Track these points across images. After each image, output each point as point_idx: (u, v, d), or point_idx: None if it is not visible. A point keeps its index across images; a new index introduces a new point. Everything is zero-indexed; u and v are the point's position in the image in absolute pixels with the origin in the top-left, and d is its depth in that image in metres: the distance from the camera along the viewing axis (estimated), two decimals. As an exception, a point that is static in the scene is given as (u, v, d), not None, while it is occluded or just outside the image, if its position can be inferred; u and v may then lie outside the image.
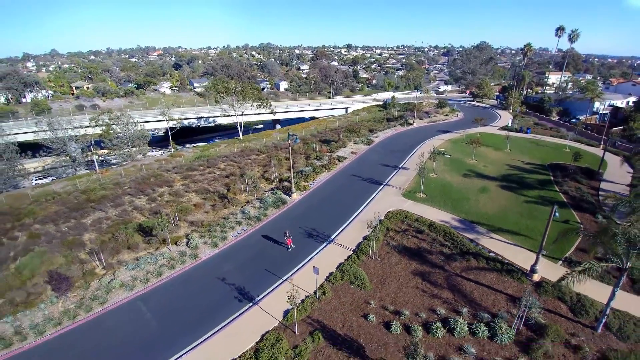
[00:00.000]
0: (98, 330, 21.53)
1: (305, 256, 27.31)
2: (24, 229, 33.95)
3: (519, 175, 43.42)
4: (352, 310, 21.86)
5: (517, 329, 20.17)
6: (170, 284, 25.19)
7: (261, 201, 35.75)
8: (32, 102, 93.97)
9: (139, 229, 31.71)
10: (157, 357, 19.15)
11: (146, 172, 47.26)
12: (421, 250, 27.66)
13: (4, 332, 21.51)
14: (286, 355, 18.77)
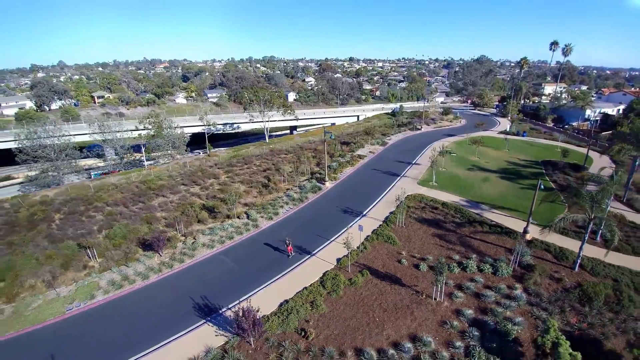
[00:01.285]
0: (192, 274, 28.69)
1: (344, 225, 34.56)
2: (97, 210, 41.40)
3: (516, 169, 51.14)
4: (388, 257, 29.14)
5: (513, 268, 27.43)
6: (242, 244, 32.48)
7: (300, 188, 43.30)
8: (62, 110, 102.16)
9: (203, 208, 39.12)
10: (245, 289, 26.14)
11: (190, 168, 54.90)
12: (437, 220, 35.09)
13: (114, 279, 28.59)
14: (344, 284, 25.95)
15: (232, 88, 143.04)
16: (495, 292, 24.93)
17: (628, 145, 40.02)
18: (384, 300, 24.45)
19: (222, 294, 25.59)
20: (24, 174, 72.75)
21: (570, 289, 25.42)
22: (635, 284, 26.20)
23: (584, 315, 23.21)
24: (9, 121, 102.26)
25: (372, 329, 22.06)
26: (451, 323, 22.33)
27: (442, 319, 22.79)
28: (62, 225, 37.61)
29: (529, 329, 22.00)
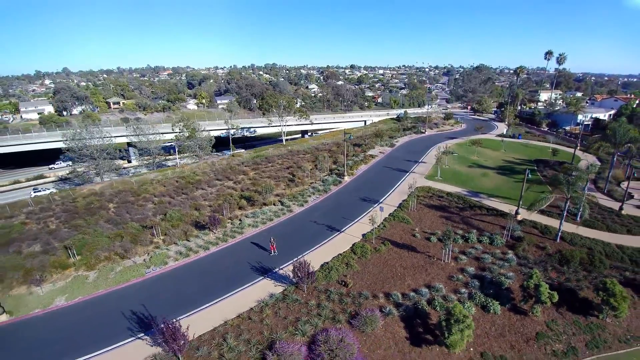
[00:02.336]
0: (245, 246, 35.37)
1: (365, 210, 41.33)
2: (147, 200, 48.18)
3: (511, 166, 58.19)
4: (404, 233, 35.92)
5: (506, 240, 34.21)
6: (280, 224, 39.26)
7: (323, 182, 50.18)
8: (84, 114, 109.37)
9: (241, 197, 45.91)
10: (290, 255, 32.75)
11: (219, 166, 61.77)
12: (443, 205, 41.97)
13: (179, 250, 35.22)
14: (370, 251, 32.67)
15: (242, 95, 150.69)
16: (491, 256, 31.69)
17: (606, 143, 47.10)
18: (403, 262, 31.19)
19: (272, 260, 32.25)
20: (54, 173, 79.74)
21: (552, 254, 32.19)
22: (606, 252, 32.99)
23: (563, 273, 29.93)
24: (33, 124, 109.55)
25: (395, 280, 28.78)
26: (457, 277, 29.06)
27: (450, 274, 29.51)
28: (118, 212, 44.31)
29: (518, 281, 28.68)
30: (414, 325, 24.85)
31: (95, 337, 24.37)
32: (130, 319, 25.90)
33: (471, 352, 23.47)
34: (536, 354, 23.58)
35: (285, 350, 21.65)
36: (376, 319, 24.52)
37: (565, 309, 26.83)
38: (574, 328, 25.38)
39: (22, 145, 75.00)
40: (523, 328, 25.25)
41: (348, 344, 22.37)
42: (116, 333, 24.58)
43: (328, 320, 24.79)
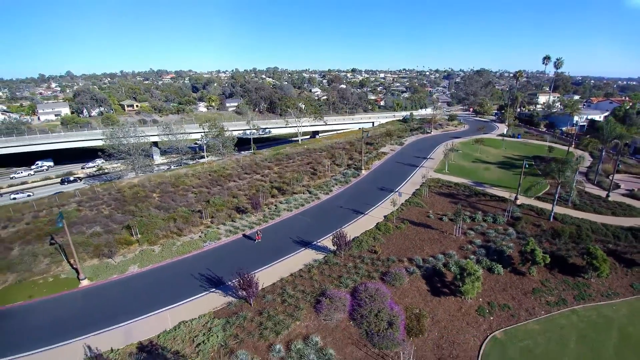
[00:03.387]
0: (283, 225, 41.62)
1: (383, 197, 47.68)
2: (185, 191, 54.38)
3: (511, 161, 64.73)
4: (419, 214, 42.28)
5: (507, 219, 40.59)
6: (311, 209, 45.56)
7: (343, 174, 56.58)
8: (104, 116, 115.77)
9: (272, 187, 52.24)
10: (318, 235, 38.76)
11: (243, 162, 68.09)
12: (452, 193, 48.39)
13: (228, 228, 41.36)
14: (392, 229, 38.97)
15: (252, 97, 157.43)
16: (495, 231, 38.05)
17: (595, 140, 53.69)
18: (420, 236, 37.55)
19: (309, 236, 38.53)
20: (82, 170, 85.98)
21: (545, 230, 38.55)
22: (592, 229, 39.29)
23: (555, 244, 36.26)
24: (55, 125, 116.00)
25: (416, 249, 35.12)
26: (466, 247, 35.39)
27: (460, 245, 35.85)
28: (163, 200, 50.55)
29: (517, 250, 34.95)
30: (433, 282, 31.15)
31: (173, 293, 30.49)
32: (200, 280, 32.09)
33: (480, 301, 29.72)
34: (533, 303, 29.78)
35: (334, 295, 27.93)
36: (403, 276, 30.83)
37: (557, 271, 33.10)
38: (564, 285, 31.59)
39: (65, 142, 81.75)
40: (522, 285, 31.52)
41: (382, 293, 28.68)
42: (191, 290, 30.76)
43: (364, 277, 31.08)
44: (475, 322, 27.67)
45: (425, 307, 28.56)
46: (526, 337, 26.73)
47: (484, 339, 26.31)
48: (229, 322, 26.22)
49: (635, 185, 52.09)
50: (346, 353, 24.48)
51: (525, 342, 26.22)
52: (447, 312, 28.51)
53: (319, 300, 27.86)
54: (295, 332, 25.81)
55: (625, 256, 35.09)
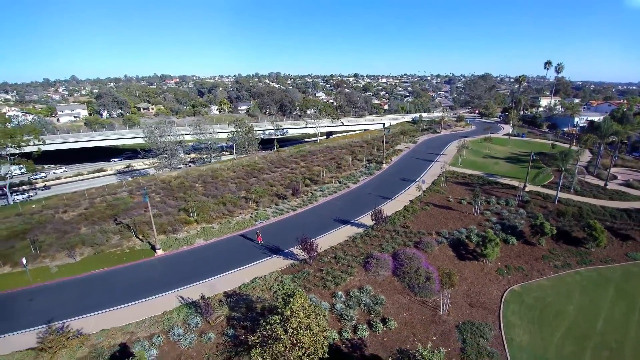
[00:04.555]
0: (322, 208, 47.91)
1: (406, 186, 54.10)
2: (224, 182, 60.58)
3: (517, 157, 71.43)
4: (440, 199, 48.70)
5: (517, 202, 47.04)
6: (343, 195, 51.94)
7: (367, 167, 63.07)
8: (125, 117, 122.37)
9: (304, 178, 58.62)
10: (354, 215, 45.15)
11: (270, 158, 74.50)
12: (467, 182, 54.91)
13: (274, 210, 47.63)
14: (418, 210, 45.35)
15: (263, 101, 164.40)
16: (507, 211, 44.47)
17: (594, 136, 60.42)
18: (444, 215, 43.95)
19: (346, 215, 44.85)
20: (111, 167, 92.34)
21: (551, 210, 45.00)
22: (592, 210, 45.71)
23: (559, 221, 42.65)
24: (79, 126, 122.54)
25: (441, 225, 41.49)
26: (484, 223, 41.76)
27: (479, 222, 42.23)
28: (207, 189, 56.80)
29: (527, 226, 41.34)
30: (459, 249, 37.49)
31: (239, 258, 36.62)
32: (260, 249, 38.29)
33: (498, 264, 36.02)
34: (542, 266, 36.06)
35: (379, 257, 34.23)
36: (433, 244, 37.17)
37: (562, 242, 39.46)
38: (568, 253, 37.90)
39: (108, 140, 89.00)
40: (532, 253, 37.84)
41: (418, 256, 34.99)
42: (254, 256, 36.95)
43: (400, 245, 37.38)
44: (496, 279, 33.95)
45: (453, 268, 34.79)
46: (538, 290, 33.02)
47: (504, 291, 32.55)
48: (296, 277, 32.44)
49: (630, 177, 58.68)
50: (394, 299, 30.70)
51: (538, 294, 32.51)
52: (472, 272, 34.79)
53: (367, 261, 34.14)
54: (350, 284, 32.05)
55: (620, 232, 41.46)
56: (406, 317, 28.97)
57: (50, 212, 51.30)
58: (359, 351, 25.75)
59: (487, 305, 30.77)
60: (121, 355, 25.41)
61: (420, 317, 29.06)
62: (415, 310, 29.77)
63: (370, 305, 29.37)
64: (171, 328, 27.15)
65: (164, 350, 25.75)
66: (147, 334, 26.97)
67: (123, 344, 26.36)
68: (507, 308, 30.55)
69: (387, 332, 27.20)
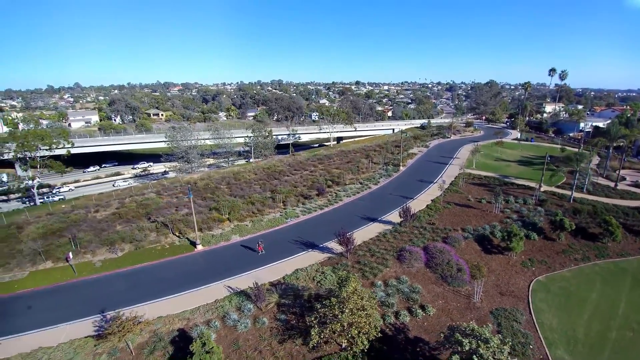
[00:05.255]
0: (347, 207, 50.28)
1: (425, 187, 56.58)
2: (248, 183, 62.92)
3: (528, 160, 74.18)
4: (460, 199, 51.16)
5: (534, 201, 49.54)
6: (366, 195, 54.39)
7: (386, 170, 65.64)
8: (138, 122, 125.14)
9: (326, 179, 61.08)
10: (380, 213, 47.55)
11: (287, 162, 76.98)
12: (484, 183, 57.46)
13: (302, 209, 49.95)
14: (441, 208, 47.75)
15: (271, 107, 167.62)
16: (526, 209, 46.93)
17: (603, 139, 63.26)
18: (466, 213, 46.37)
19: (373, 214, 47.19)
20: (128, 171, 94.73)
21: (567, 208, 47.48)
22: (606, 207, 48.22)
23: (576, 218, 45.09)
24: (93, 130, 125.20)
25: (465, 222, 43.89)
26: (505, 220, 44.17)
27: (500, 219, 44.64)
28: (232, 190, 59.10)
29: (546, 223, 43.73)
30: (484, 244, 39.86)
31: (277, 253, 38.77)
32: (295, 244, 40.50)
33: (522, 258, 38.35)
34: (564, 259, 38.41)
35: (412, 250, 36.56)
36: (460, 239, 39.53)
37: (580, 237, 41.84)
38: (586, 247, 40.27)
39: (130, 144, 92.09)
40: (553, 247, 40.22)
41: (447, 250, 37.32)
42: (291, 250, 39.16)
43: (429, 240, 39.73)
44: (522, 271, 36.29)
45: (481, 261, 37.12)
46: (562, 280, 35.36)
47: (530, 281, 34.86)
48: (336, 268, 34.68)
49: (638, 178, 61.35)
50: (429, 289, 32.96)
51: (562, 283, 34.84)
52: (498, 265, 37.12)
53: (400, 254, 36.45)
54: (387, 274, 34.32)
55: (634, 228, 43.90)
56: (442, 304, 31.20)
57: (81, 211, 53.38)
58: (403, 334, 27.94)
59: (516, 293, 33.05)
60: (181, 340, 27.47)
61: (455, 304, 31.29)
62: (450, 298, 32.00)
63: (408, 293, 31.62)
64: (226, 314, 29.27)
65: (221, 335, 27.85)
66: (204, 320, 29.06)
67: (181, 330, 28.41)
68: (534, 296, 32.84)
69: (427, 317, 29.41)
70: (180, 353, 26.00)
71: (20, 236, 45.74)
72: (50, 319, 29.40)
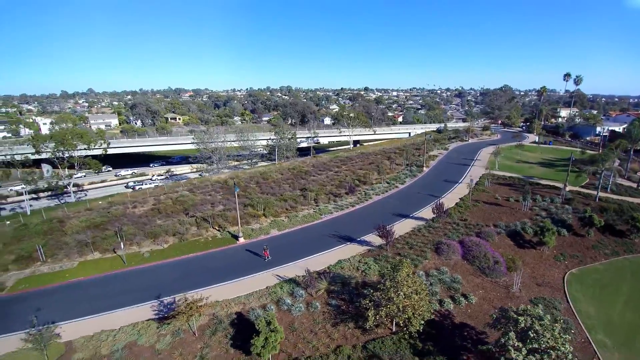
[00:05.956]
0: (377, 204, 52.26)
1: (450, 187, 58.37)
2: (275, 182, 65.14)
3: (550, 162, 75.69)
4: (488, 197, 52.87)
5: (561, 200, 51.09)
6: (394, 194, 56.35)
7: (409, 170, 67.59)
8: (158, 126, 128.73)
9: (353, 179, 63.15)
10: (411, 211, 49.38)
11: (310, 163, 79.21)
12: (509, 183, 59.16)
13: (335, 206, 51.97)
14: (471, 206, 49.50)
15: (286, 112, 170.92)
16: (554, 207, 48.52)
17: (624, 141, 64.67)
18: (495, 211, 48.11)
19: (403, 211, 49.10)
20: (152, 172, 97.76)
21: (594, 207, 48.97)
22: (630, 206, 49.60)
23: (603, 216, 46.57)
24: (116, 133, 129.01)
25: (495, 218, 45.62)
26: (534, 217, 45.82)
27: (529, 216, 46.30)
28: (263, 188, 61.34)
29: (575, 220, 45.28)
30: (516, 239, 41.57)
31: (317, 246, 40.74)
32: (333, 238, 42.50)
33: (554, 252, 39.96)
34: (594, 254, 39.95)
35: (449, 243, 38.40)
36: (493, 234, 41.26)
37: (608, 234, 43.34)
38: (614, 243, 41.78)
39: (160, 145, 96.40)
40: (583, 243, 41.77)
41: (483, 243, 39.08)
42: (330, 243, 41.13)
43: (463, 234, 41.51)
44: (555, 264, 37.94)
45: (515, 255, 38.80)
46: (594, 272, 36.96)
47: (564, 274, 36.48)
48: (377, 259, 36.62)
49: (661, 179, 62.56)
50: (468, 279, 34.71)
51: (594, 276, 36.44)
52: (532, 258, 38.79)
53: (438, 247, 38.29)
54: (427, 265, 36.16)
55: (661, 226, 45.22)
56: (483, 293, 32.95)
57: (120, 207, 55.92)
58: (449, 320, 29.73)
59: (552, 284, 34.70)
60: (239, 322, 29.49)
61: (495, 294, 33.03)
62: (489, 288, 33.75)
63: (449, 283, 33.43)
64: (280, 299, 31.29)
65: (276, 317, 29.82)
66: (259, 304, 31.09)
67: (239, 313, 30.44)
68: (570, 287, 34.48)
69: (470, 305, 31.18)
70: (240, 334, 27.99)
71: (65, 229, 48.25)
72: (108, 305, 31.20)
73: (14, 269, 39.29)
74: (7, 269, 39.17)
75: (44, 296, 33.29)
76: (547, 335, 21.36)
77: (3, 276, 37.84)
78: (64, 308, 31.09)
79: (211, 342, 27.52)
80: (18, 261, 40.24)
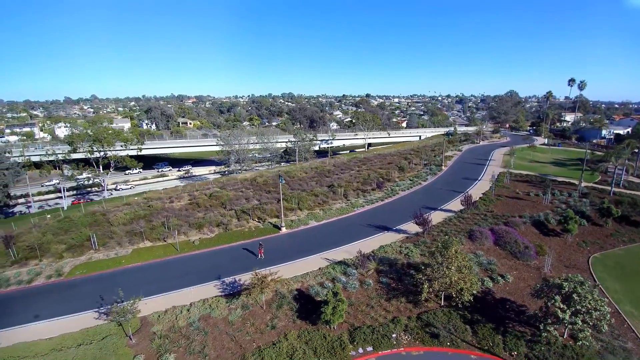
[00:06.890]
0: (405, 199, 55.83)
1: (471, 184, 62.05)
2: (300, 179, 68.62)
3: (561, 161, 79.70)
4: (509, 192, 56.56)
5: (578, 195, 54.84)
6: (418, 190, 59.96)
7: (429, 168, 71.30)
8: (173, 129, 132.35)
9: (377, 176, 66.75)
10: (437, 204, 52.95)
11: (329, 163, 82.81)
12: (526, 180, 62.93)
13: (365, 200, 55.48)
14: (494, 200, 53.13)
15: (294, 116, 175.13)
16: (572, 200, 52.24)
17: (634, 140, 68.79)
18: (518, 204, 51.77)
19: (430, 204, 52.65)
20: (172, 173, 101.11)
21: (610, 200, 52.71)
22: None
23: (619, 208, 50.27)
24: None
25: (519, 210, 49.25)
26: (556, 209, 49.49)
27: (550, 208, 49.96)
28: (292, 185, 64.71)
29: (592, 211, 48.97)
30: (541, 228, 45.13)
31: (356, 234, 44.13)
32: (369, 227, 45.92)
33: (577, 239, 43.50)
34: (613, 241, 43.50)
35: (481, 230, 41.92)
36: (519, 223, 44.83)
37: (624, 224, 46.96)
38: (632, 232, 45.34)
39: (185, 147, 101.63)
40: (602, 232, 45.35)
41: (512, 231, 42.63)
42: (367, 232, 44.51)
43: (492, 224, 45.05)
44: (579, 250, 41.44)
45: (541, 242, 42.32)
46: (616, 257, 40.46)
47: (588, 258, 39.96)
48: (416, 244, 40.06)
49: (669, 177, 66.57)
50: (501, 262, 38.14)
51: (616, 259, 39.93)
52: (557, 245, 42.29)
53: (471, 234, 41.80)
54: (463, 250, 39.54)
55: (673, 217, 48.99)
56: (517, 274, 36.36)
57: (157, 202, 59.10)
58: (491, 296, 33.05)
59: (579, 266, 38.16)
60: (300, 297, 32.73)
61: (528, 274, 36.45)
62: (522, 270, 37.18)
63: (486, 265, 36.87)
64: (335, 277, 34.60)
65: (333, 293, 33.05)
66: (316, 282, 34.36)
67: (299, 289, 33.68)
68: (595, 268, 37.94)
69: (507, 284, 34.55)
70: (303, 307, 31.24)
71: (111, 220, 51.48)
72: (172, 285, 34.05)
73: (68, 257, 42.23)
74: (62, 256, 42.10)
75: (104, 280, 36.00)
76: (589, 297, 24.80)
77: (59, 263, 40.82)
78: (127, 289, 32.63)
79: (278, 314, 30.63)
80: (71, 250, 43.06)
